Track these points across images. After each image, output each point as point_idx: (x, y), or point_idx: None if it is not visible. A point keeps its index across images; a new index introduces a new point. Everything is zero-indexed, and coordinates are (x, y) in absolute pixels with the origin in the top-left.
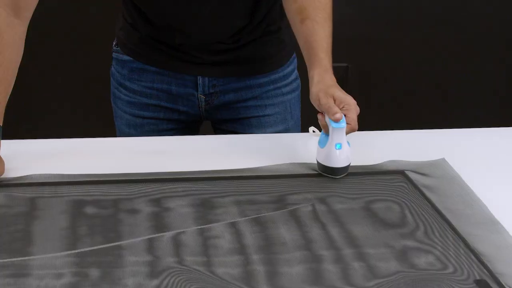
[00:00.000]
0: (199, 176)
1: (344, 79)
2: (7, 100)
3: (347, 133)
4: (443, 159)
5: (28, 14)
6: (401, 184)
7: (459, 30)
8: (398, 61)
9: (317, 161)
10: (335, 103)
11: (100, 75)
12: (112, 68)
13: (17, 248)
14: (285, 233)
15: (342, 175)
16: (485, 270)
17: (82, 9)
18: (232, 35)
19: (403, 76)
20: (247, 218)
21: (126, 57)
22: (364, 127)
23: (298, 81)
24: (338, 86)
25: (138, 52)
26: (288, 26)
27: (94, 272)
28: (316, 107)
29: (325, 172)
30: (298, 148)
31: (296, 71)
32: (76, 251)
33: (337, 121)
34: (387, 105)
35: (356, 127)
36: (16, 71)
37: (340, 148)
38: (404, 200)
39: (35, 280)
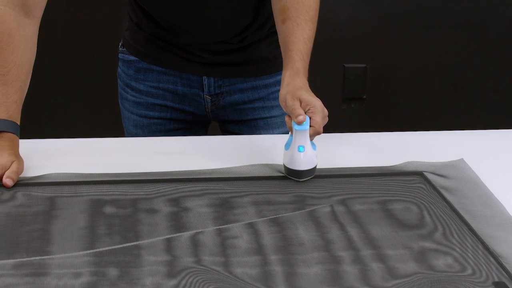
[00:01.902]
0: (217, 176)
1: (362, 80)
2: (23, 99)
3: (311, 136)
4: (462, 160)
5: (37, 14)
6: (419, 185)
7: (478, 32)
8: (416, 61)
9: (283, 164)
10: (301, 105)
11: (111, 76)
12: (119, 69)
13: (36, 247)
14: (304, 233)
15: (306, 178)
16: (503, 272)
17: (89, 11)
18: (237, 34)
19: (422, 77)
20: (265, 218)
21: (132, 58)
22: (382, 128)
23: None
24: (307, 88)
25: (143, 52)
26: None
27: (113, 272)
28: (284, 109)
29: (290, 175)
30: None
31: None
32: (95, 250)
33: (299, 123)
34: (406, 106)
35: (321, 130)
36: (31, 71)
37: (303, 150)
38: (422, 201)
39: (53, 279)
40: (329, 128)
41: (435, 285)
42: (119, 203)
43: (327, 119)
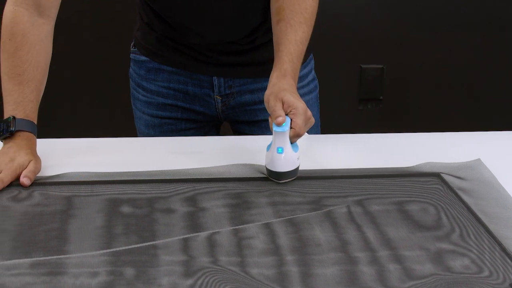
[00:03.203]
0: (233, 177)
1: (379, 81)
2: (40, 99)
3: (291, 137)
4: (479, 160)
5: (51, 13)
6: (436, 186)
7: (496, 32)
8: (433, 62)
9: (265, 165)
10: (283, 107)
11: (124, 76)
12: (130, 69)
13: (53, 247)
14: (320, 234)
15: (286, 180)
16: None
17: (102, 11)
18: (247, 35)
19: (438, 78)
20: (281, 219)
21: (143, 58)
22: (399, 128)
23: (316, 82)
24: (292, 90)
25: (154, 52)
26: None
27: (129, 271)
28: (268, 110)
29: (271, 176)
30: (317, 150)
31: (313, 72)
32: (111, 250)
33: (279, 124)
34: (422, 107)
35: (301, 132)
36: (47, 70)
37: (281, 152)
38: (439, 202)
39: (70, 279)
40: (345, 129)
41: (452, 286)
42: (135, 203)
43: (313, 121)
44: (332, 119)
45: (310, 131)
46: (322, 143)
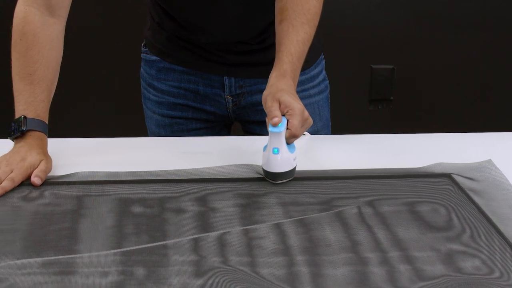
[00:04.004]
0: (244, 177)
1: (389, 81)
2: (51, 98)
3: (287, 138)
4: (490, 161)
5: (62, 13)
6: (447, 187)
7: (507, 32)
8: (444, 62)
9: (261, 165)
10: (280, 107)
11: (135, 76)
12: (141, 69)
13: (64, 246)
14: (330, 234)
15: (282, 181)
16: None
17: (113, 11)
18: (257, 35)
19: (449, 78)
20: (292, 219)
21: (153, 57)
22: (409, 129)
23: (326, 82)
24: (290, 91)
25: (164, 51)
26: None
27: (140, 271)
28: (265, 110)
29: (267, 177)
30: (327, 150)
31: (324, 72)
32: (122, 249)
33: (274, 125)
34: (433, 107)
35: (297, 133)
36: (58, 70)
37: (277, 153)
38: (450, 203)
39: (81, 278)
40: (356, 130)
41: (463, 287)
42: (146, 203)
43: (310, 122)
44: (342, 120)
45: (321, 132)
46: (332, 144)
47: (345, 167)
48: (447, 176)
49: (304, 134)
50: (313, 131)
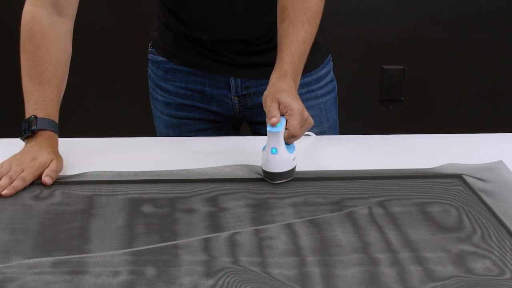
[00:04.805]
0: (254, 177)
1: (400, 81)
2: (61, 98)
3: (285, 138)
4: (501, 162)
5: (70, 12)
6: (458, 187)
7: None
8: (455, 63)
9: (261, 165)
10: (280, 107)
11: (144, 76)
12: (149, 70)
13: (75, 246)
14: (341, 235)
15: (281, 181)
16: None
17: (121, 11)
18: (263, 35)
19: (460, 79)
20: (303, 219)
21: (160, 58)
22: (420, 130)
23: (334, 83)
24: (291, 91)
25: (171, 52)
26: (323, 28)
27: (150, 271)
28: (264, 110)
29: (266, 177)
30: (337, 151)
31: (331, 73)
32: (133, 249)
33: (273, 125)
34: (444, 108)
35: (296, 133)
36: (67, 69)
37: (275, 153)
38: (461, 204)
39: (91, 278)
40: (366, 130)
41: None
42: (157, 202)
43: (310, 122)
44: (353, 120)
45: (328, 133)
46: (343, 144)
47: (355, 168)
48: (458, 177)
49: (309, 135)
50: (320, 132)
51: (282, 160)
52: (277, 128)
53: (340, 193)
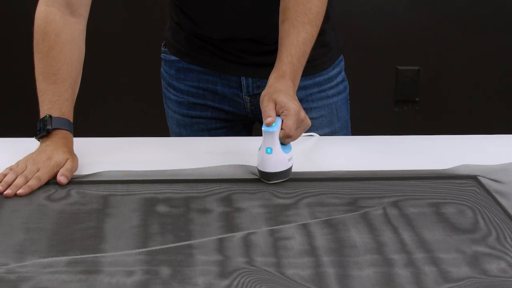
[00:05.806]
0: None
1: (415, 82)
2: (75, 97)
3: (281, 139)
4: None
5: (83, 12)
6: (473, 188)
7: None
8: (470, 64)
9: (256, 165)
10: (276, 107)
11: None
12: (162, 69)
13: (89, 245)
14: (356, 236)
15: (276, 181)
16: None
17: (134, 11)
18: (272, 34)
19: (475, 79)
20: (317, 220)
21: (173, 57)
22: (435, 130)
23: (346, 83)
24: (288, 92)
25: (183, 51)
26: (334, 28)
27: (165, 271)
28: (261, 110)
29: (261, 177)
30: (352, 151)
31: (343, 73)
32: (147, 249)
33: (268, 125)
34: (459, 109)
35: (291, 133)
36: (81, 69)
37: (270, 152)
38: (476, 205)
39: (106, 277)
40: (381, 131)
41: None
42: (172, 202)
43: (307, 123)
44: (368, 121)
45: (339, 133)
46: (357, 145)
47: (369, 168)
48: (473, 178)
49: (312, 135)
50: (331, 132)
51: (277, 160)
52: (272, 128)
53: (354, 193)
